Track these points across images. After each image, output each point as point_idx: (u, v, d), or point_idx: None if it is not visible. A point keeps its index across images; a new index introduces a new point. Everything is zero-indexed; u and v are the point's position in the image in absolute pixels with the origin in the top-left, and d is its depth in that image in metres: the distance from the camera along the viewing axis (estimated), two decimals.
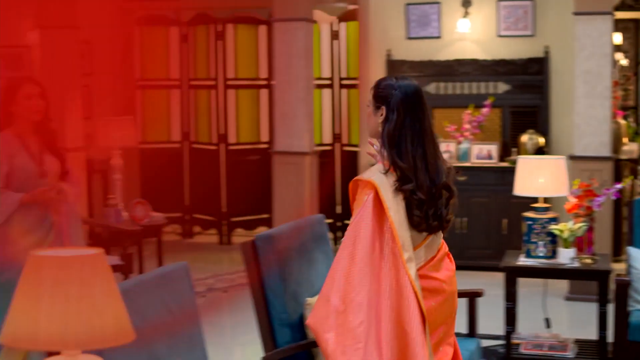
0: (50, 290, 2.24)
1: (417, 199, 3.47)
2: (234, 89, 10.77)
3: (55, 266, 2.25)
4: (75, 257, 2.28)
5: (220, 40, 10.64)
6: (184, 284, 3.55)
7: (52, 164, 4.93)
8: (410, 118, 3.53)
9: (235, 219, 10.82)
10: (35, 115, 4.84)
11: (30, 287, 2.27)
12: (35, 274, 2.27)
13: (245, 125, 10.88)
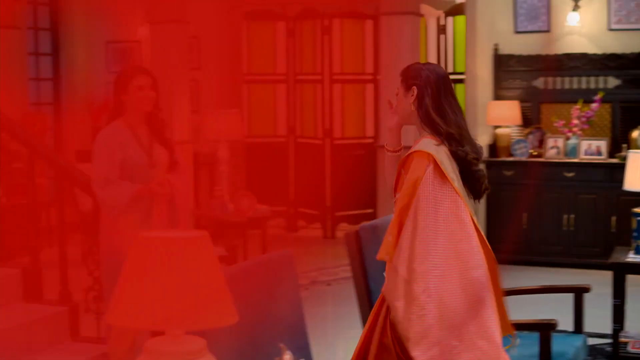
0: (155, 270, 2.28)
1: (474, 157, 3.60)
2: (340, 84, 10.78)
3: (161, 247, 2.29)
4: (180, 238, 2.31)
5: (326, 35, 10.66)
6: (288, 272, 3.57)
7: (161, 154, 5.00)
8: (444, 95, 3.64)
9: (340, 213, 10.84)
10: (146, 106, 4.90)
11: (136, 267, 2.31)
12: (141, 254, 2.31)
13: (351, 119, 10.89)
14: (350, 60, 10.79)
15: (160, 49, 8.78)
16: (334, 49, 10.71)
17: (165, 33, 8.76)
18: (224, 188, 7.91)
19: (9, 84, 10.10)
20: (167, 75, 8.67)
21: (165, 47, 8.78)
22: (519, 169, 9.10)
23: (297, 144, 11.12)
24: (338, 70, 10.75)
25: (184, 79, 8.99)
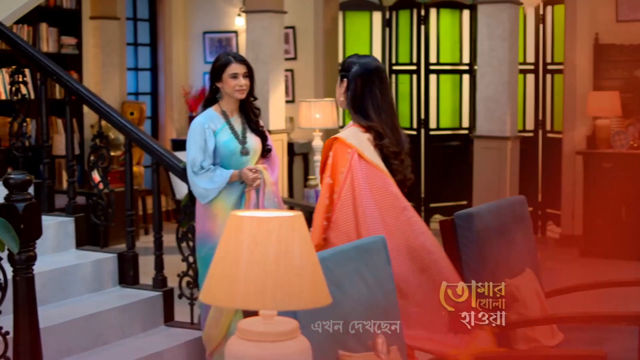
0: (249, 249, 2.27)
1: (393, 151, 3.99)
2: (436, 74, 10.69)
3: (255, 226, 2.28)
4: (274, 218, 2.30)
5: (423, 25, 10.58)
6: (381, 257, 3.54)
7: (254, 142, 5.03)
8: (369, 89, 3.99)
9: (434, 204, 10.76)
10: (240, 93, 4.94)
11: (230, 246, 2.31)
12: (236, 233, 2.30)
13: (446, 110, 10.79)
14: (447, 51, 10.69)
15: (256, 38, 8.83)
16: (431, 39, 10.61)
17: (262, 23, 8.81)
18: (318, 177, 7.90)
19: (108, 73, 10.31)
20: (262, 65, 8.73)
21: (260, 37, 8.83)
22: (619, 161, 8.88)
23: None
24: (434, 60, 10.65)
25: (278, 69, 9.03)
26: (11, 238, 3.98)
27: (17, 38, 6.17)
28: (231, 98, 4.98)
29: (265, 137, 5.13)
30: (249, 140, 5.01)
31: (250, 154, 5.01)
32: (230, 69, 4.93)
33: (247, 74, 4.97)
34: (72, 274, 5.48)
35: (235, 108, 5.04)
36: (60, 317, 5.08)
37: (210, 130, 4.93)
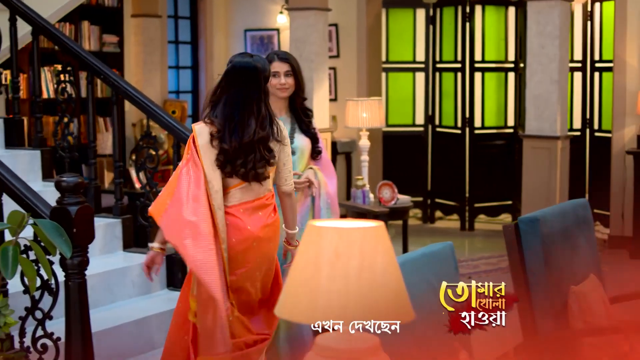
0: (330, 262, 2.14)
1: (222, 148, 4.11)
2: (481, 72, 10.52)
3: (336, 238, 2.15)
4: (357, 229, 2.16)
5: (468, 22, 10.41)
6: (450, 264, 3.40)
7: (303, 142, 4.89)
8: (234, 88, 4.14)
9: (478, 204, 10.60)
10: (282, 92, 4.80)
11: (309, 259, 2.18)
12: (315, 245, 2.17)
13: (491, 109, 10.62)
14: (492, 48, 10.51)
15: (300, 36, 8.71)
16: (476, 37, 10.44)
17: (306, 20, 8.68)
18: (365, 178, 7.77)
19: (149, 72, 10.23)
20: (305, 63, 8.60)
21: (304, 35, 8.70)
22: None
23: (435, 133, 10.91)
24: (479, 58, 10.48)
25: (323, 67, 8.90)
26: (63, 242, 3.87)
27: (63, 36, 6.09)
28: (276, 97, 4.85)
29: (317, 139, 4.97)
30: (296, 140, 4.86)
31: (296, 154, 4.85)
32: (271, 68, 4.79)
33: (289, 72, 4.82)
34: (121, 276, 5.40)
35: (284, 107, 4.90)
36: (110, 322, 5.00)
37: None
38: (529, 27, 8.28)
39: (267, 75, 4.24)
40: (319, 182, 4.85)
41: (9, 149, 6.17)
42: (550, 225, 4.23)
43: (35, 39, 6.12)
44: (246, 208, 4.20)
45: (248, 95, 4.15)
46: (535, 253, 4.09)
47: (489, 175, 10.58)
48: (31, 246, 3.95)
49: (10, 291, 4.34)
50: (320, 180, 4.86)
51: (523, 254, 4.13)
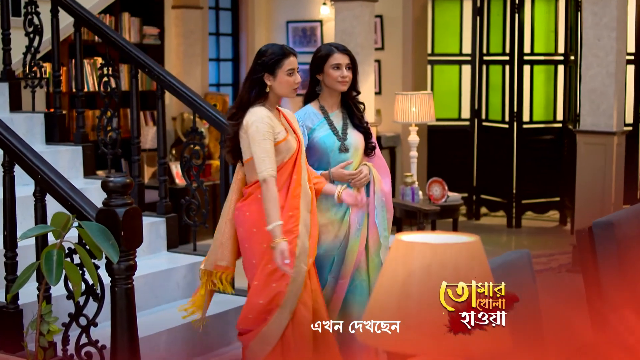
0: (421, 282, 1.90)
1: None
2: (529, 65, 10.21)
3: (429, 254, 1.90)
4: (451, 245, 1.92)
5: (517, 13, 10.10)
6: (526, 273, 3.15)
7: (356, 138, 4.64)
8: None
9: (526, 201, 10.30)
10: (342, 85, 4.55)
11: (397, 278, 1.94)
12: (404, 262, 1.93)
13: (540, 103, 10.31)
14: (541, 40, 10.20)
15: (346, 28, 8.47)
16: (525, 28, 10.13)
17: (352, 12, 8.44)
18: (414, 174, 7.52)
19: (190, 64, 10.03)
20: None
21: (350, 27, 8.46)
22: None
23: (481, 127, 10.63)
24: (528, 50, 10.18)
25: (368, 59, 8.64)
26: (110, 246, 3.68)
27: (106, 28, 5.90)
28: (332, 91, 4.60)
29: (369, 134, 4.71)
30: (349, 136, 4.61)
31: (350, 151, 4.60)
32: (332, 60, 4.55)
33: (349, 65, 4.59)
34: (166, 278, 5.20)
35: (336, 102, 4.66)
36: (156, 326, 4.82)
37: (304, 129, 4.56)
38: (584, 18, 7.97)
39: (266, 62, 4.20)
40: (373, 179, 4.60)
41: (50, 144, 5.99)
42: (626, 229, 3.97)
43: (77, 31, 5.93)
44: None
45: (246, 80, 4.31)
46: (611, 260, 3.84)
47: (536, 171, 10.29)
48: (76, 250, 3.77)
49: (54, 294, 4.15)
50: (375, 177, 4.62)
51: (597, 261, 3.87)
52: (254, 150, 4.11)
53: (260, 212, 4.13)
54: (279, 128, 4.20)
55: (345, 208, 4.55)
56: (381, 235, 4.59)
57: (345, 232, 4.54)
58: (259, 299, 4.16)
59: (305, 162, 4.33)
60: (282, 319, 4.13)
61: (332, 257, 4.52)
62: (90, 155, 5.95)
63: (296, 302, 4.13)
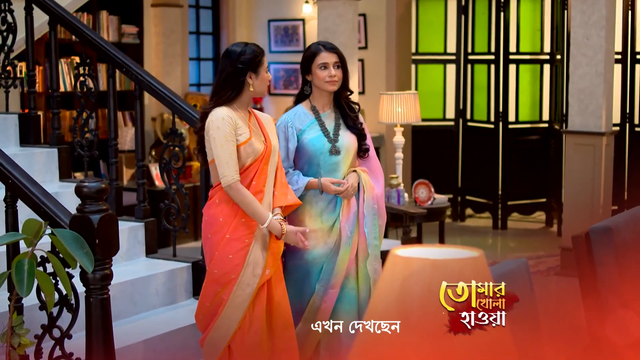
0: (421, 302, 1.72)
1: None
2: (515, 64, 10.08)
3: (429, 271, 1.73)
4: (453, 261, 1.75)
5: (502, 12, 9.96)
6: (524, 283, 2.99)
7: (348, 140, 4.46)
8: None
9: (511, 202, 10.16)
10: (331, 85, 4.38)
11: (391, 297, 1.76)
12: (401, 280, 1.75)
13: (526, 103, 10.18)
14: (527, 39, 10.06)
15: (329, 26, 8.30)
16: (511, 27, 9.99)
17: (335, 10, 8.27)
18: (399, 176, 7.34)
19: (170, 64, 9.84)
20: None
21: (333, 25, 8.29)
22: None
23: (466, 128, 10.48)
24: (513, 49, 10.04)
25: (352, 58, 8.46)
26: (85, 255, 3.49)
27: (83, 26, 5.69)
28: (322, 91, 4.43)
29: (364, 135, 4.53)
30: (341, 138, 4.44)
31: (341, 154, 4.43)
32: (319, 59, 4.38)
33: (338, 63, 4.42)
34: (144, 286, 5.01)
35: (328, 102, 4.48)
36: (134, 336, 4.62)
37: (294, 130, 4.39)
38: (572, 17, 7.83)
39: (249, 61, 4.03)
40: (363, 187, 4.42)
41: (24, 146, 5.78)
42: (625, 235, 3.81)
43: (52, 29, 5.73)
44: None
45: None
46: (609, 266, 3.68)
47: (522, 172, 10.16)
48: (49, 258, 3.57)
49: (26, 304, 3.95)
50: (365, 185, 4.43)
51: (595, 267, 3.71)
52: (216, 153, 3.96)
53: (216, 217, 4.02)
54: (243, 129, 4.01)
55: (336, 215, 4.40)
56: (370, 244, 4.41)
57: (336, 239, 4.38)
58: (206, 301, 4.07)
59: (278, 171, 4.15)
60: (227, 328, 4.00)
61: (320, 265, 4.38)
62: (67, 158, 5.75)
63: (243, 312, 3.98)
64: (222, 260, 3.99)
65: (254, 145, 4.03)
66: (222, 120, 3.96)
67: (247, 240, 3.99)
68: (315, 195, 4.40)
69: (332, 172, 4.42)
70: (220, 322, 4.00)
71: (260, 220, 3.97)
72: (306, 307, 4.37)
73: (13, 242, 3.83)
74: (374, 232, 4.45)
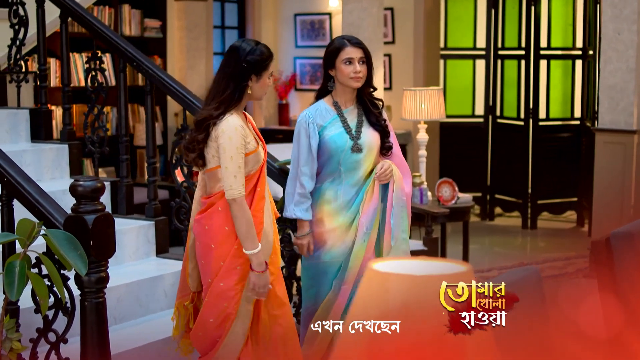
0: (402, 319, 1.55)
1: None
2: (546, 60, 9.84)
3: (406, 287, 1.56)
4: (433, 277, 1.57)
5: (533, 6, 9.73)
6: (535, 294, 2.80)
7: (371, 137, 4.30)
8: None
9: (542, 201, 9.93)
10: (355, 81, 4.22)
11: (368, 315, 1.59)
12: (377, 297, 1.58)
13: (557, 99, 9.94)
14: (558, 34, 9.82)
15: (353, 21, 8.12)
16: (541, 22, 9.76)
17: (360, 4, 8.09)
18: (423, 175, 7.15)
19: (194, 58, 9.72)
20: None
21: (357, 20, 8.12)
22: None
23: (495, 125, 10.26)
24: (545, 44, 9.80)
25: (377, 53, 8.28)
26: (78, 257, 3.35)
27: (94, 19, 5.56)
28: (346, 87, 4.27)
29: (387, 133, 4.36)
30: (363, 135, 4.28)
31: (363, 152, 4.26)
32: (344, 54, 4.21)
33: (363, 59, 4.25)
34: (152, 287, 4.86)
35: (351, 99, 4.32)
36: (138, 339, 4.47)
37: (315, 126, 4.24)
38: (603, 10, 7.59)
39: (255, 62, 3.83)
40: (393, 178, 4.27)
41: (35, 142, 5.66)
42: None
43: (63, 23, 5.60)
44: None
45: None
46: (630, 273, 3.48)
47: (553, 170, 9.93)
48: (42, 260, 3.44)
49: (23, 307, 3.82)
50: (395, 176, 4.28)
51: (615, 274, 3.51)
52: (225, 164, 3.72)
53: (221, 226, 3.78)
54: (250, 138, 3.83)
55: (355, 212, 4.26)
56: (396, 237, 4.26)
57: (353, 237, 4.24)
58: (210, 317, 3.83)
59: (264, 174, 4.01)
60: (237, 343, 3.81)
61: (339, 264, 4.26)
62: (78, 154, 5.62)
63: (249, 322, 3.81)
64: (229, 272, 3.78)
65: (259, 154, 3.87)
66: (235, 130, 3.74)
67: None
68: (333, 194, 4.26)
69: (353, 170, 4.27)
70: (229, 339, 3.81)
71: (250, 245, 3.73)
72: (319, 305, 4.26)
73: (6, 243, 3.69)
74: (403, 224, 4.29)
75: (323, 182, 4.30)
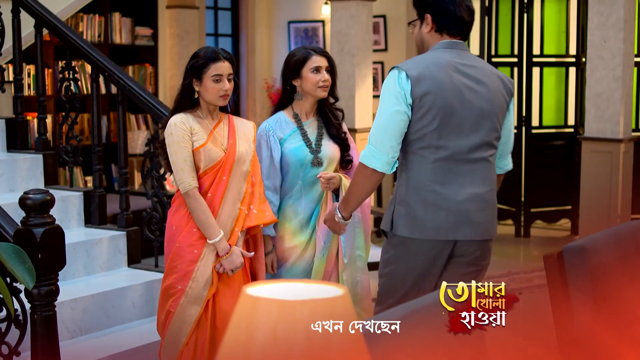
0: (264, 350, 1.53)
1: None
2: (539, 67, 9.79)
3: (275, 314, 1.53)
4: (304, 302, 1.55)
5: (526, 13, 9.68)
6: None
7: (331, 150, 4.22)
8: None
9: (535, 209, 9.87)
10: (323, 90, 4.14)
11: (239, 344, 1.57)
12: (247, 324, 1.56)
13: (550, 107, 9.88)
14: (551, 41, 9.77)
15: (342, 29, 8.09)
16: (534, 29, 9.70)
17: (348, 11, 8.07)
18: None
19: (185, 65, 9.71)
20: (348, 57, 7.99)
21: (346, 27, 8.09)
22: None
23: None
24: (537, 52, 9.75)
25: (366, 61, 8.26)
26: (26, 270, 3.33)
27: (69, 30, 5.57)
28: (309, 98, 4.18)
29: (347, 145, 4.27)
30: (323, 148, 4.18)
31: (324, 165, 4.17)
32: (311, 62, 4.12)
33: (329, 68, 4.19)
34: (121, 297, 4.85)
35: (312, 110, 4.23)
36: (103, 351, 4.46)
37: (276, 138, 4.16)
38: (590, 18, 7.55)
39: (194, 66, 3.94)
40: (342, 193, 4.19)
41: (11, 152, 5.67)
42: (603, 254, 3.55)
43: (38, 33, 5.61)
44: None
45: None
46: (583, 290, 3.43)
47: (546, 178, 9.85)
48: None
49: None
50: (344, 190, 4.18)
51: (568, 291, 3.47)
52: (172, 159, 3.85)
53: (169, 225, 3.91)
54: (200, 135, 3.84)
55: (313, 228, 4.17)
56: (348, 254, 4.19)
57: (313, 252, 4.17)
58: (160, 314, 3.96)
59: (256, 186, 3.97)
60: (175, 341, 3.85)
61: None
62: (53, 164, 5.63)
63: (191, 328, 3.83)
64: (171, 269, 3.86)
65: (210, 151, 3.85)
66: (174, 126, 3.85)
67: (197, 250, 3.83)
68: (294, 211, 4.19)
69: (312, 184, 4.17)
70: (168, 338, 3.86)
71: (211, 234, 3.80)
72: None
73: None
74: (357, 241, 4.22)
75: (282, 198, 4.20)
